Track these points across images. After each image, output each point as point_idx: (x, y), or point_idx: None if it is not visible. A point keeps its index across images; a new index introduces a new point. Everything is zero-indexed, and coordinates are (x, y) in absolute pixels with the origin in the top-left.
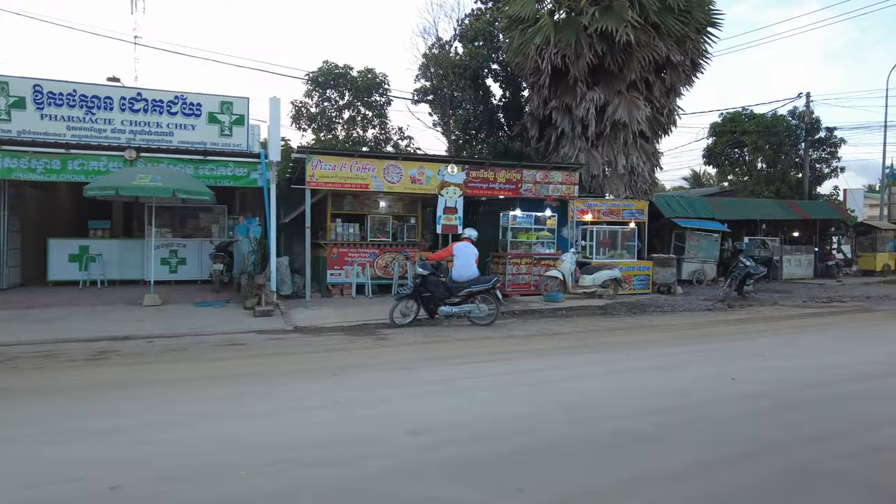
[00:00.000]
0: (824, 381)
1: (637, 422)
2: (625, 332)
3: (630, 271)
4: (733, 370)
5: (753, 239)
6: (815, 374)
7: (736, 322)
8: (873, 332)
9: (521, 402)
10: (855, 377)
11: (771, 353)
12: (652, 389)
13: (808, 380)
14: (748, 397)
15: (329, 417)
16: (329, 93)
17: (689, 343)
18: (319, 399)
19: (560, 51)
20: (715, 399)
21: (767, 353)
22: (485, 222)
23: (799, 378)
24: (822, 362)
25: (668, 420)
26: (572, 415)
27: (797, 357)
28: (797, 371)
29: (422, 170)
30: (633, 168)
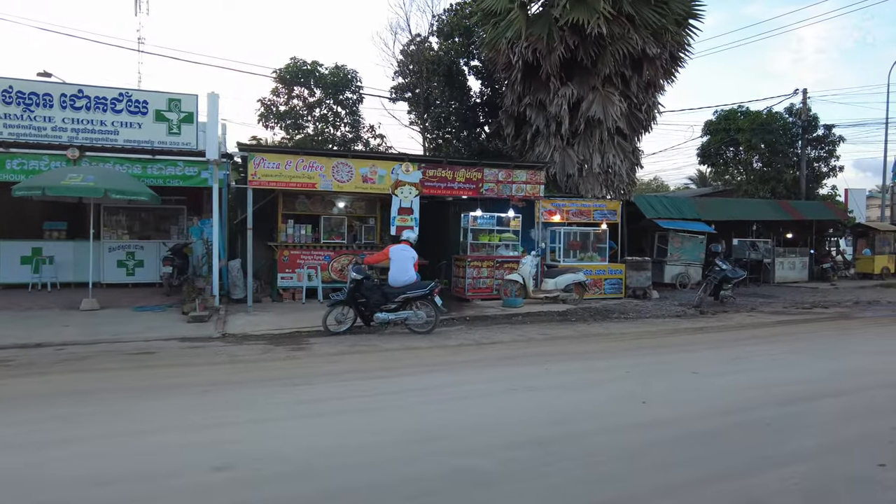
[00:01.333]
0: (748, 405)
1: (486, 459)
2: (570, 341)
3: (601, 275)
4: (656, 390)
5: (743, 241)
6: (741, 396)
7: (696, 331)
8: (835, 344)
9: (376, 430)
10: (783, 399)
11: (710, 370)
12: (540, 415)
13: (729, 403)
14: (646, 426)
15: (125, 449)
16: (298, 90)
17: (629, 355)
18: (145, 423)
19: (531, 45)
20: (602, 429)
21: (707, 370)
22: (455, 223)
23: (720, 401)
24: (759, 380)
25: (525, 456)
26: (416, 448)
27: (735, 374)
28: (723, 392)
29: (374, 168)
30: (610, 167)
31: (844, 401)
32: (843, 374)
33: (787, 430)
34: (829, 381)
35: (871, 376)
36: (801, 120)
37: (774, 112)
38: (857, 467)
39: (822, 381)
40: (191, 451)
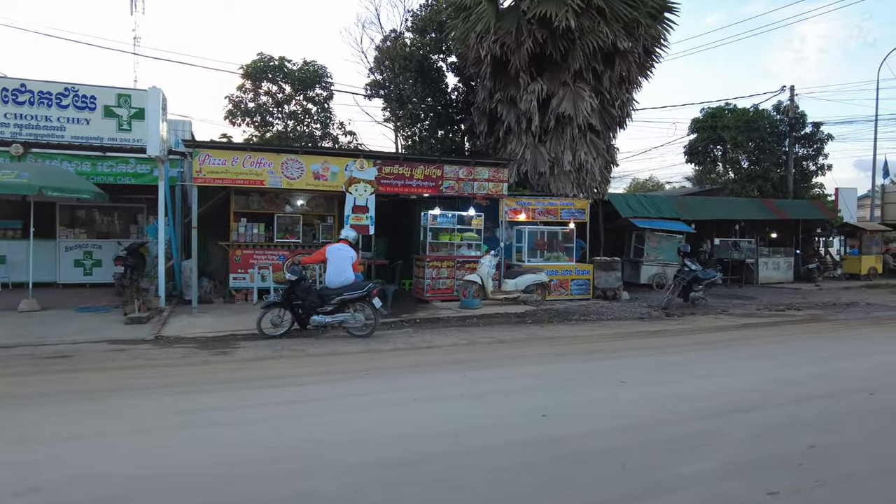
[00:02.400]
0: (663, 419)
1: (331, 481)
2: (512, 345)
3: (567, 275)
4: (568, 401)
5: (725, 240)
6: (660, 410)
7: (651, 335)
8: (789, 350)
9: (233, 445)
10: (706, 413)
11: (641, 378)
12: (430, 428)
13: (642, 418)
14: (535, 444)
15: None
16: (267, 86)
17: (564, 360)
18: None
19: (499, 39)
20: (488, 446)
21: (639, 378)
22: (419, 222)
23: (632, 415)
24: (689, 391)
25: (377, 479)
26: (261, 468)
27: (667, 384)
28: (642, 404)
29: (326, 165)
30: (582, 165)
31: (772, 414)
32: (783, 384)
33: (693, 450)
34: (764, 392)
35: (812, 386)
36: (788, 117)
37: (761, 109)
38: (747, 494)
39: (756, 392)
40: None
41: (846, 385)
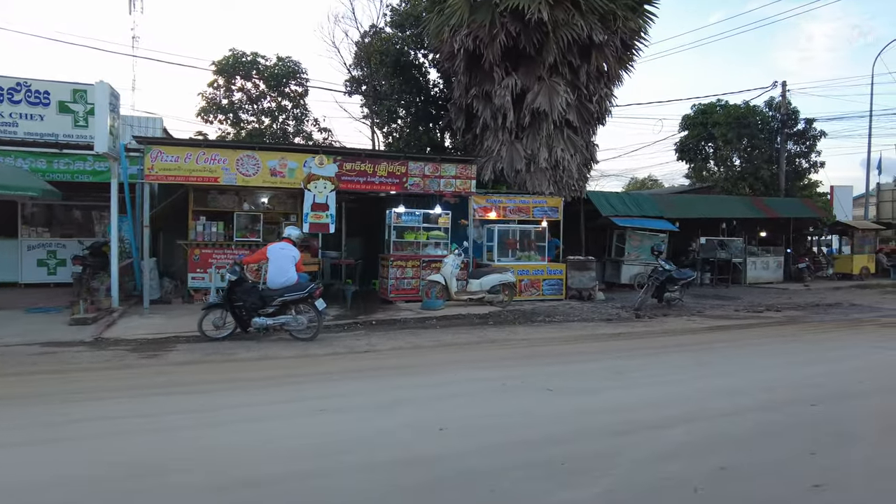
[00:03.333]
0: (568, 435)
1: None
2: (458, 349)
3: (539, 275)
4: (483, 412)
5: (711, 239)
6: (570, 424)
7: (612, 337)
8: (746, 356)
9: (60, 463)
10: (618, 429)
11: (573, 387)
12: (310, 442)
13: (541, 434)
14: (412, 464)
15: None
16: (240, 82)
17: (504, 366)
18: None
19: (472, 32)
20: (350, 467)
21: (571, 387)
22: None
23: (533, 431)
24: (616, 402)
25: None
26: (53, 494)
27: (596, 393)
28: (556, 418)
29: (284, 161)
30: (559, 162)
31: (695, 429)
32: (722, 394)
33: (582, 472)
34: (697, 403)
35: (751, 396)
36: (779, 114)
37: (752, 106)
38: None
39: (689, 403)
40: None
41: (789, 395)
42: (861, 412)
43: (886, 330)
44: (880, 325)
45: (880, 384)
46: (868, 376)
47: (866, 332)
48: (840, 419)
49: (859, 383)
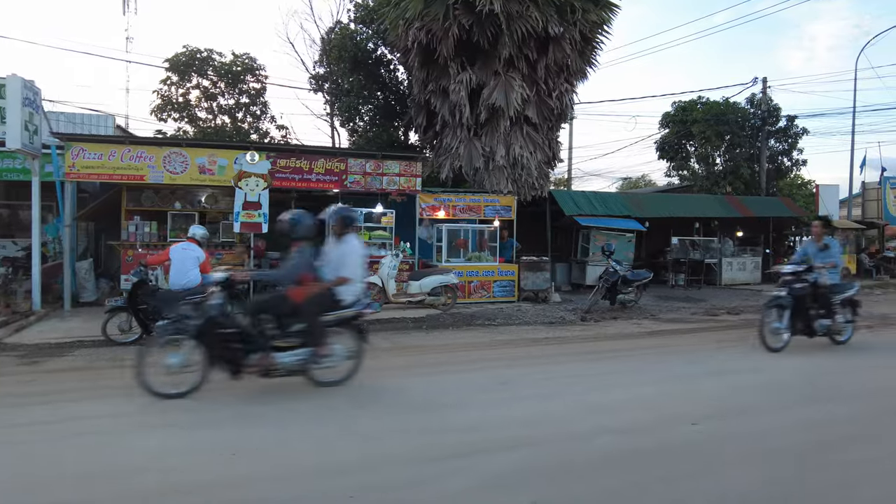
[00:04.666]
0: (325, 466)
1: None
2: None
3: (489, 276)
4: (301, 432)
5: (683, 240)
6: (369, 450)
7: (538, 342)
8: (655, 366)
9: None
10: (435, 455)
11: (441, 401)
12: (53, 471)
13: (339, 461)
14: (160, 497)
15: None
16: (196, 80)
17: (387, 376)
18: None
19: (425, 25)
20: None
21: (442, 400)
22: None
23: (333, 456)
24: (465, 420)
25: None
26: None
27: (457, 409)
28: (372, 441)
29: (213, 158)
30: (517, 160)
31: (533, 455)
32: (591, 411)
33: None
34: (554, 422)
35: (617, 415)
36: (760, 110)
37: (732, 102)
38: None
39: (543, 422)
40: None
41: (674, 412)
42: (747, 432)
43: None
44: None
45: (791, 398)
46: (783, 388)
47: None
48: (718, 440)
49: (761, 398)
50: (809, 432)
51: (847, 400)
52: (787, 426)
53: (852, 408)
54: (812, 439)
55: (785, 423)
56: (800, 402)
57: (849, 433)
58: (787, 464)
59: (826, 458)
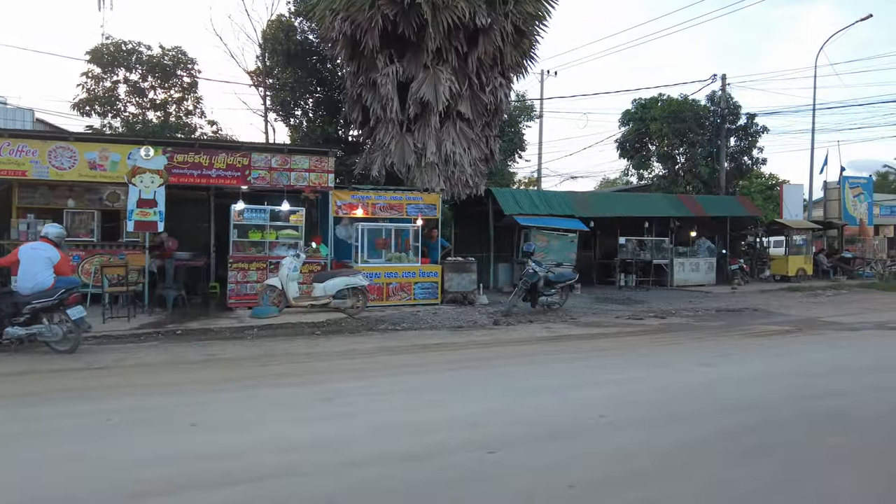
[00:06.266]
0: (111, 489)
1: None
2: (214, 366)
3: (410, 277)
4: (70, 451)
5: (630, 240)
6: (145, 473)
7: (429, 349)
8: (531, 374)
9: None
10: (210, 480)
11: (235, 419)
12: None
13: (99, 487)
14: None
15: None
16: (123, 73)
17: (216, 388)
18: None
19: (350, 16)
20: None
21: (237, 419)
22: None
23: (118, 477)
24: (242, 442)
25: None
26: None
27: (241, 430)
28: (139, 466)
29: (105, 153)
30: (449, 156)
31: (268, 486)
32: (388, 432)
33: None
34: (334, 448)
35: (406, 438)
36: (719, 108)
37: (690, 99)
38: None
39: (321, 448)
40: None
41: (466, 438)
42: (546, 463)
43: (746, 340)
44: (746, 336)
45: (622, 418)
46: (623, 407)
47: (722, 343)
48: (503, 472)
49: (598, 417)
50: (620, 463)
51: (703, 418)
52: (601, 454)
53: (696, 432)
54: (615, 472)
55: (602, 448)
56: (644, 422)
57: (665, 465)
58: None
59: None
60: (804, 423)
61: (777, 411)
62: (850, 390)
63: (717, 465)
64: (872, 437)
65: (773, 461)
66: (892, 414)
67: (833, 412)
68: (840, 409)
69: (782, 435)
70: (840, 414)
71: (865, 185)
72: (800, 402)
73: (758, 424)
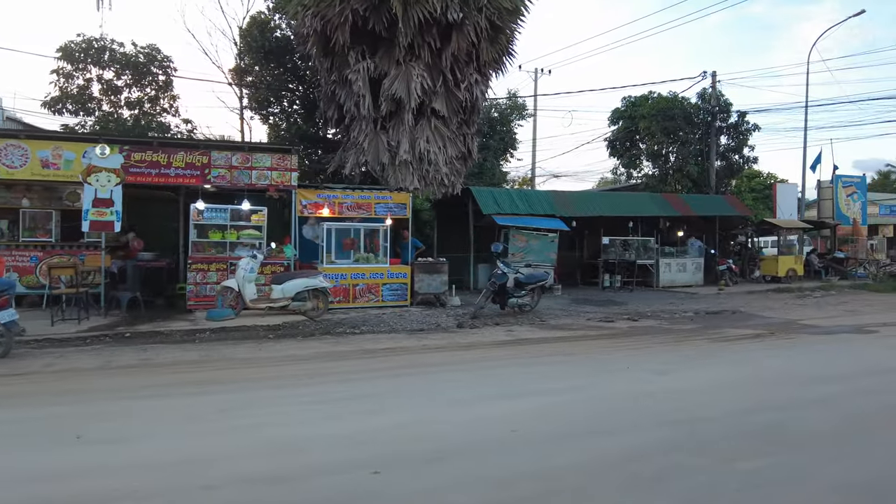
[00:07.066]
0: None
1: None
2: (118, 373)
3: (378, 279)
4: None
5: (614, 239)
6: None
7: (368, 354)
8: (437, 386)
9: None
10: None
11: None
12: None
13: None
14: None
15: None
16: (96, 71)
17: (107, 398)
18: None
19: (320, 12)
20: None
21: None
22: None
23: None
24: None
25: None
26: None
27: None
28: None
29: (58, 151)
30: (423, 155)
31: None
32: (251, 450)
33: None
34: (165, 471)
35: (263, 459)
36: (710, 105)
37: (679, 96)
38: None
39: (196, 464)
40: None
41: (350, 456)
42: (415, 487)
43: (710, 346)
44: (714, 340)
45: (536, 432)
46: (543, 420)
47: (683, 348)
48: (362, 500)
49: (511, 432)
50: (503, 489)
51: (624, 434)
52: (489, 477)
53: (607, 451)
54: (491, 500)
55: (494, 470)
56: (557, 437)
57: (547, 494)
58: None
59: None
60: (729, 441)
61: (708, 426)
62: (794, 402)
63: (602, 497)
64: (795, 462)
65: (667, 493)
66: (830, 433)
67: (767, 428)
68: (776, 423)
69: (697, 457)
70: (773, 430)
71: (859, 183)
72: (736, 416)
73: (679, 443)
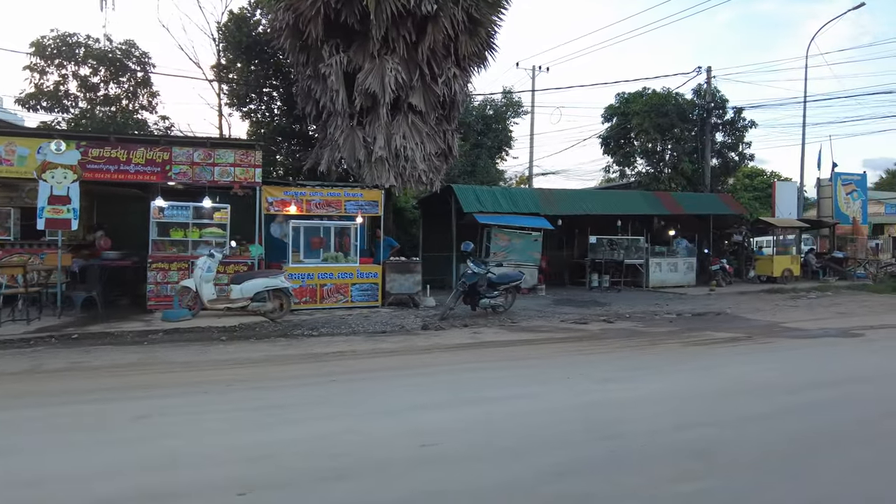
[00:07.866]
0: None
1: None
2: (34, 378)
3: (347, 279)
4: None
5: (601, 238)
6: None
7: (320, 358)
8: (370, 392)
9: None
10: None
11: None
12: None
13: None
14: None
15: None
16: (72, 67)
17: (35, 406)
18: None
19: (292, 5)
20: None
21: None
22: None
23: None
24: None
25: None
26: None
27: None
28: None
29: (11, 147)
30: (399, 151)
31: None
32: (155, 463)
33: None
34: (84, 480)
35: (152, 476)
36: (705, 101)
37: (673, 92)
38: None
39: (70, 482)
40: None
41: (228, 474)
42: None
43: (680, 350)
44: (686, 344)
45: (443, 449)
46: (459, 435)
47: (647, 354)
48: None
49: (420, 447)
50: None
51: (531, 454)
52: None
53: (503, 474)
54: None
55: (372, 495)
56: (458, 456)
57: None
58: None
59: None
60: (640, 465)
61: (631, 444)
62: (734, 418)
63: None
64: (735, 485)
65: None
66: (758, 459)
67: (691, 448)
68: (703, 443)
69: (633, 475)
70: (696, 452)
71: (859, 182)
72: (666, 433)
73: (613, 460)
